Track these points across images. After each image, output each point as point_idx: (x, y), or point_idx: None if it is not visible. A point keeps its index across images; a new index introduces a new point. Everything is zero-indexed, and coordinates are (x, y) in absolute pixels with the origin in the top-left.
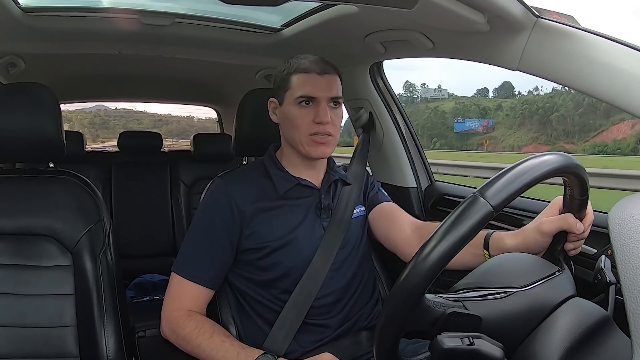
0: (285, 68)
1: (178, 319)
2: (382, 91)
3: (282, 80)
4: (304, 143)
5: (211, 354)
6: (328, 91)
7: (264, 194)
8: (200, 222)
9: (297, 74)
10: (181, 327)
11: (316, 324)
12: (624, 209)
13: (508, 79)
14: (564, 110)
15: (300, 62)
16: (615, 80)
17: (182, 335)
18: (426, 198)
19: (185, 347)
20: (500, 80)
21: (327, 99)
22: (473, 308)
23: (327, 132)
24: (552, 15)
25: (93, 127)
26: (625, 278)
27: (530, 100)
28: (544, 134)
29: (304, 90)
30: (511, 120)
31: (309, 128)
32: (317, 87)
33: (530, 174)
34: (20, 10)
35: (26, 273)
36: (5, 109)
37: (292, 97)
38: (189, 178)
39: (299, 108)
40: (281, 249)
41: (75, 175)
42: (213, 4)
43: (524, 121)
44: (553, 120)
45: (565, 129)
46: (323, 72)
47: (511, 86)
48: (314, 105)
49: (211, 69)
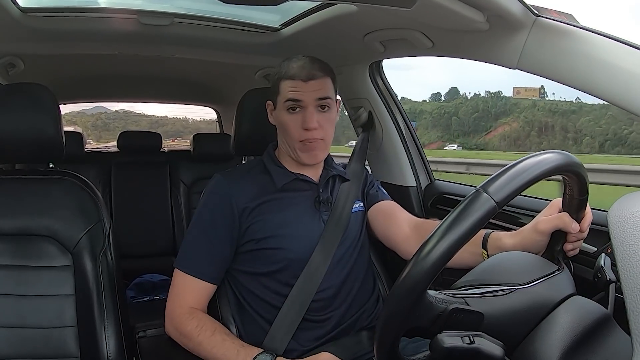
0: (277, 73)
1: (180, 316)
2: (381, 90)
3: (274, 85)
4: (296, 149)
5: (212, 352)
6: (314, 94)
7: (263, 189)
8: (200, 218)
9: (285, 80)
10: (183, 325)
11: (315, 320)
12: (624, 207)
13: (455, 85)
14: (462, 114)
15: (289, 67)
16: (615, 78)
17: (184, 332)
18: (426, 197)
19: (187, 344)
20: (449, 85)
21: (314, 103)
22: (475, 305)
23: (316, 138)
24: (551, 13)
25: (96, 129)
26: (625, 276)
27: (445, 106)
28: (447, 134)
29: (290, 95)
30: (428, 122)
31: (298, 135)
32: (301, 93)
33: (532, 170)
34: (20, 10)
35: (26, 273)
36: (4, 110)
37: (282, 102)
38: (188, 178)
39: (288, 114)
40: (280, 240)
41: (75, 176)
42: (212, 3)
43: (435, 123)
44: (453, 123)
45: (462, 130)
46: (308, 78)
47: (457, 91)
48: (302, 111)
49: (210, 68)
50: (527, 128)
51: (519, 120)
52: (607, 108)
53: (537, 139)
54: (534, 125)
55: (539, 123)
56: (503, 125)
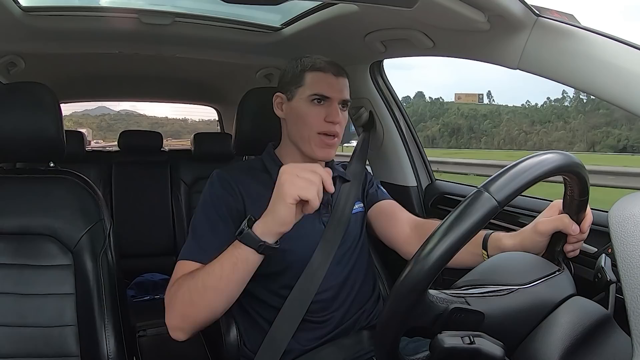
0: (299, 64)
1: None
2: (382, 90)
3: (295, 76)
4: (312, 141)
5: (212, 270)
6: (341, 93)
7: (263, 188)
8: (203, 210)
9: (312, 72)
10: (176, 287)
11: (315, 321)
12: (625, 207)
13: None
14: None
15: (316, 61)
16: (616, 78)
17: (180, 292)
18: (426, 197)
19: (191, 296)
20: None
21: (338, 101)
22: (475, 304)
23: (335, 132)
24: (552, 14)
25: (101, 130)
26: (625, 277)
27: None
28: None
29: (319, 88)
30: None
31: (319, 126)
32: (331, 88)
33: (534, 170)
34: (21, 9)
35: (27, 272)
36: (5, 109)
37: (305, 94)
38: (189, 177)
39: (310, 105)
40: (279, 241)
41: (75, 175)
42: (213, 3)
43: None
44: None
45: None
46: (338, 74)
47: (422, 95)
48: (326, 105)
49: (211, 68)
50: (442, 129)
51: (439, 123)
52: (510, 114)
53: (449, 139)
54: (448, 127)
55: (453, 125)
56: (426, 128)
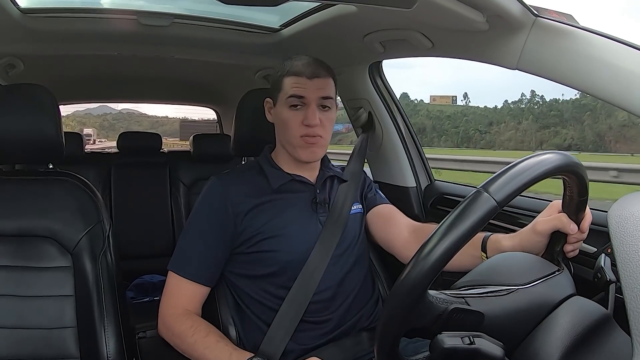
0: (280, 70)
1: (174, 316)
2: (381, 91)
3: (276, 82)
4: (295, 145)
5: (204, 353)
6: (316, 92)
7: (259, 190)
8: (195, 220)
9: (288, 77)
10: (177, 325)
11: (314, 322)
12: (624, 207)
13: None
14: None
15: (293, 65)
16: (615, 78)
17: (178, 332)
18: (426, 197)
19: (180, 345)
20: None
21: (316, 101)
22: (475, 304)
23: (316, 134)
24: (551, 14)
25: (103, 129)
26: (625, 276)
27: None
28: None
29: (292, 92)
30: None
31: (299, 130)
32: (305, 90)
33: (533, 170)
34: (19, 11)
35: (26, 274)
36: (4, 110)
37: (283, 99)
38: (188, 178)
39: (289, 110)
40: (276, 242)
41: (74, 176)
42: (211, 4)
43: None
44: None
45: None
46: (313, 76)
47: (407, 95)
48: (304, 108)
49: (210, 69)
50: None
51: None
52: (471, 115)
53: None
54: (415, 127)
55: (420, 125)
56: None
